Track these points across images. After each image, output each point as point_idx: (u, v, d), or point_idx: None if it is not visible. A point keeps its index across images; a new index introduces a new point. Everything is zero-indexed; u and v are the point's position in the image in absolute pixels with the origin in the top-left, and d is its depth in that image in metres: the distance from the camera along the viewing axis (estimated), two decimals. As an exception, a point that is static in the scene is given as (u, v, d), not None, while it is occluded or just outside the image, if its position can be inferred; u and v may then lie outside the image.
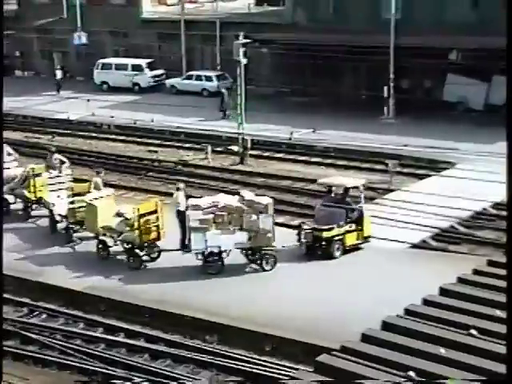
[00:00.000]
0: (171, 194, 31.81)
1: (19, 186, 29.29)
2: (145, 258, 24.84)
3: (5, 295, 21.18)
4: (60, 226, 27.48)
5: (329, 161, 38.74)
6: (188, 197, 26.54)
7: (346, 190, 26.37)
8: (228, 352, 19.20)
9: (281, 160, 39.75)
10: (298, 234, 25.22)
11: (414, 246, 26.73)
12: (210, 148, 40.25)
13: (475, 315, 13.20)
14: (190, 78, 55.41)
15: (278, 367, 18.24)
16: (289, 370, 17.93)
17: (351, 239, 25.30)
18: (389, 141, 40.13)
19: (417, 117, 44.08)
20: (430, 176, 35.04)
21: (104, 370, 18.83)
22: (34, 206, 29.40)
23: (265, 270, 23.82)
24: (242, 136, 39.50)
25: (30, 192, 28.77)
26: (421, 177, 35.26)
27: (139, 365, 18.94)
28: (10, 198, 29.69)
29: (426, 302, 14.33)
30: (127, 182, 36.17)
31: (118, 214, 25.23)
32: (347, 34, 46.94)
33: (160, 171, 38.22)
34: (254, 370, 18.25)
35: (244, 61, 38.86)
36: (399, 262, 24.45)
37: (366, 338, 13.30)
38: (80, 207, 26.24)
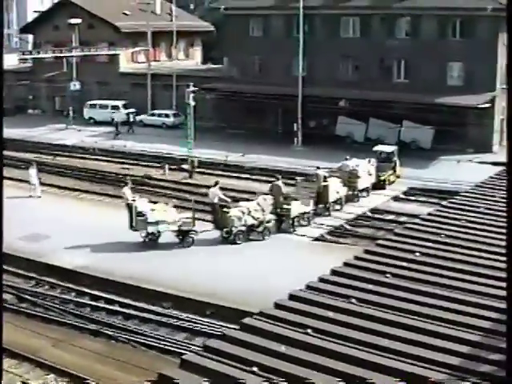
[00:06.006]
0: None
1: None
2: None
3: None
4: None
5: (254, 177, 38.61)
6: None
7: (389, 153, 35.07)
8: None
9: (219, 176, 39.29)
10: None
11: (316, 239, 26.90)
12: (167, 166, 39.81)
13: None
14: (153, 114, 54.72)
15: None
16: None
17: (393, 177, 34.54)
18: (296, 163, 40.17)
19: (317, 146, 44.08)
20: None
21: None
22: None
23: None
24: (191, 158, 39.19)
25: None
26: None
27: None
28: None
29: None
30: (106, 190, 35.45)
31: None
32: (268, 86, 47.00)
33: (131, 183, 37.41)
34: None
35: (193, 103, 39.01)
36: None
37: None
38: None
